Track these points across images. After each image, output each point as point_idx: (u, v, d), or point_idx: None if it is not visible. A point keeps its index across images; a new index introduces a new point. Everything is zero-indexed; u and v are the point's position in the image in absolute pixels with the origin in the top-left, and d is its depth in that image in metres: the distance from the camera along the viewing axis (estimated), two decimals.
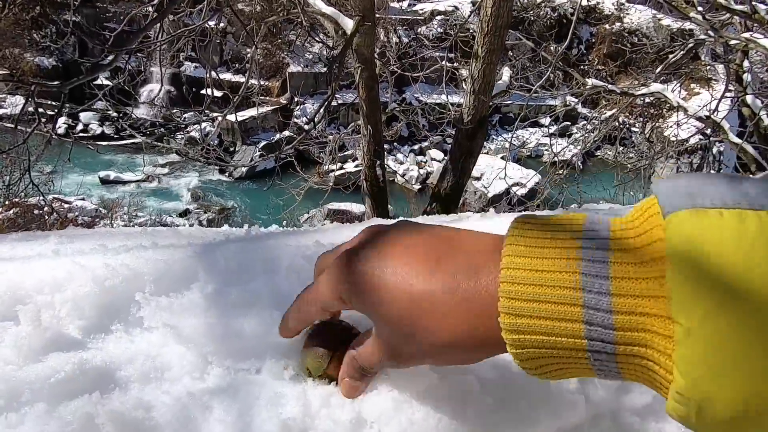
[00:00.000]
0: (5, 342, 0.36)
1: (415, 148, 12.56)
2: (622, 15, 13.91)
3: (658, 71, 5.29)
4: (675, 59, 5.33)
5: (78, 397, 0.34)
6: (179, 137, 11.52)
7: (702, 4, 3.84)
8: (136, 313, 0.41)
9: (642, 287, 0.23)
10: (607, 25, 13.72)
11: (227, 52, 11.84)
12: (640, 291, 0.23)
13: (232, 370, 0.38)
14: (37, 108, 2.58)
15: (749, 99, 4.64)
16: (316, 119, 3.47)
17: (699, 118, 4.60)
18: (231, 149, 11.72)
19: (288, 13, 4.09)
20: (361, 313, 0.33)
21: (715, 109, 4.56)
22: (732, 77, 4.92)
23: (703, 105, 4.79)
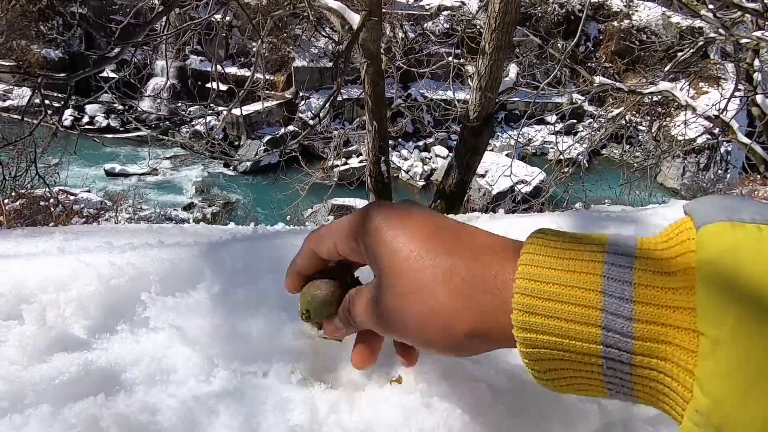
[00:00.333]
0: (9, 341, 0.35)
1: (420, 144, 12.53)
2: (630, 12, 13.76)
3: (667, 69, 5.23)
4: (684, 57, 5.27)
5: (83, 399, 0.33)
6: (184, 131, 11.53)
7: (713, 2, 3.78)
8: (142, 313, 0.40)
9: (667, 297, 0.22)
10: (616, 22, 13.57)
11: (233, 45, 11.83)
12: (664, 301, 0.22)
13: (239, 373, 0.38)
14: (43, 100, 2.58)
15: (759, 98, 4.58)
16: (322, 114, 3.45)
17: (708, 118, 4.55)
18: (236, 143, 11.73)
19: (294, 8, 4.07)
20: (366, 258, 0.31)
21: (724, 108, 4.50)
22: (742, 76, 4.86)
23: (712, 104, 4.73)
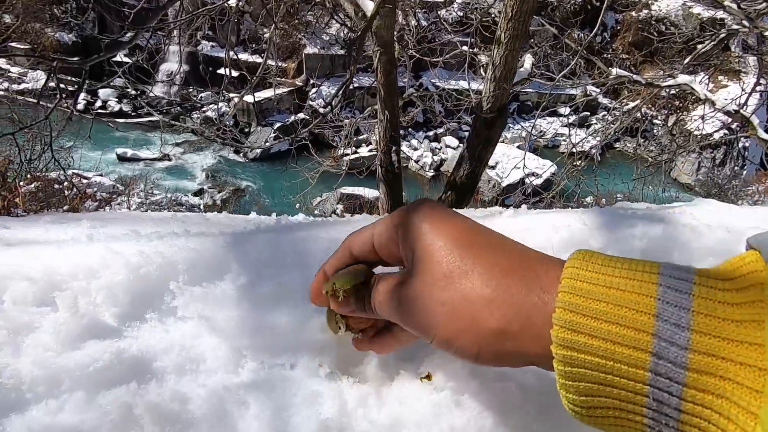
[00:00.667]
0: (44, 328, 0.35)
1: (430, 134, 12.43)
2: (650, 2, 13.39)
3: (686, 62, 5.10)
4: (704, 50, 5.13)
5: (116, 386, 0.34)
6: (195, 116, 11.57)
7: None
8: (170, 303, 0.41)
9: (730, 329, 0.20)
10: (634, 12, 13.23)
11: (244, 31, 11.76)
12: (727, 333, 0.20)
13: (267, 365, 0.38)
14: (59, 84, 2.60)
15: None
16: (334, 103, 3.43)
17: (727, 113, 4.44)
18: (246, 130, 11.75)
19: None
20: (401, 248, 0.31)
21: (745, 103, 4.39)
22: (765, 70, 4.72)
23: (732, 98, 4.61)
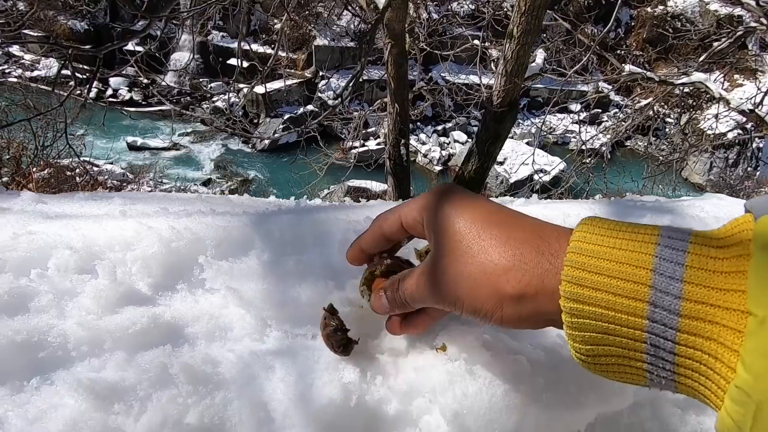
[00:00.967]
0: (86, 293, 0.38)
1: (439, 128, 12.39)
2: None
3: (701, 60, 5.03)
4: (720, 47, 5.05)
5: (153, 348, 0.36)
6: (204, 106, 11.63)
7: None
8: (199, 275, 0.43)
9: (718, 280, 0.23)
10: (649, 8, 13.02)
11: (255, 22, 11.76)
12: (715, 283, 0.23)
13: (290, 335, 0.40)
14: (74, 72, 2.63)
15: None
16: (344, 95, 3.44)
17: (742, 112, 4.38)
18: (255, 121, 11.79)
19: None
20: (426, 230, 0.33)
21: (761, 102, 4.33)
22: None
23: (748, 98, 4.55)
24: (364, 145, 9.95)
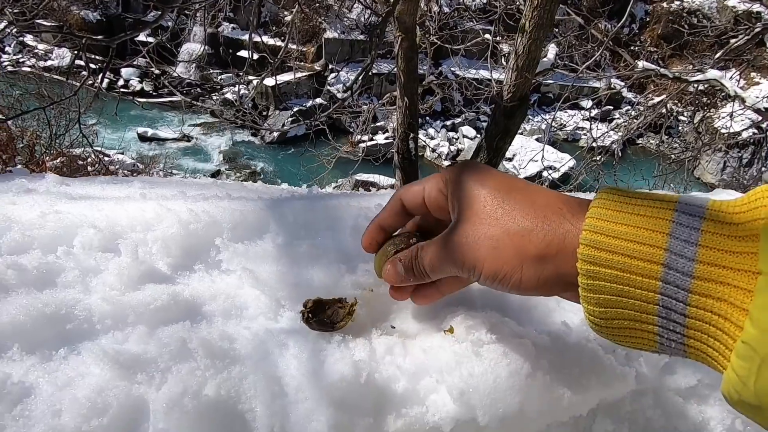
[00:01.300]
0: (109, 270, 0.40)
1: (448, 123, 12.33)
2: None
3: (717, 57, 4.94)
4: (737, 44, 4.95)
5: (172, 323, 0.38)
6: (215, 98, 11.68)
7: None
8: (216, 256, 0.45)
9: (732, 243, 0.23)
10: (665, 3, 12.78)
11: (265, 14, 11.76)
12: (729, 246, 0.23)
13: None
14: (87, 62, 2.67)
15: None
16: (353, 88, 3.44)
17: (757, 110, 4.31)
18: (264, 113, 11.82)
19: None
20: (450, 200, 0.34)
21: None
22: None
23: (764, 96, 4.47)
24: (372, 138, 9.94)
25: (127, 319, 0.37)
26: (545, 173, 5.60)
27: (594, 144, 4.91)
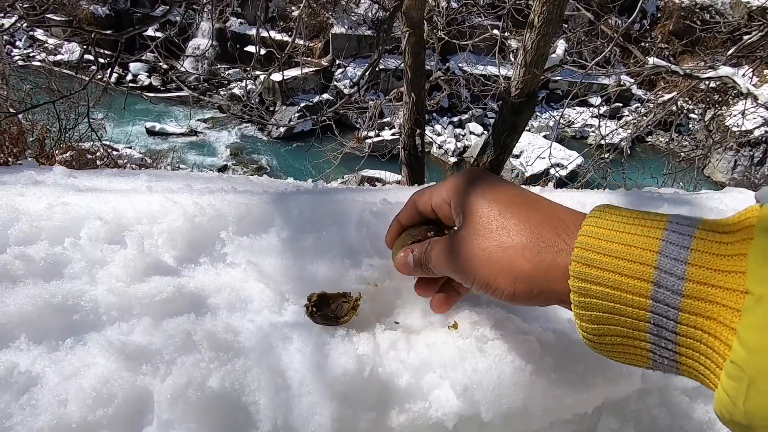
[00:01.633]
0: (115, 262, 0.40)
1: (455, 120, 12.27)
2: None
3: (730, 53, 4.85)
4: (751, 41, 4.87)
5: (177, 315, 0.38)
6: (222, 93, 11.73)
7: None
8: (221, 250, 0.45)
9: (720, 262, 0.23)
10: None
11: (272, 9, 11.75)
12: (718, 265, 0.23)
13: None
14: (97, 56, 2.68)
15: None
16: (360, 83, 3.43)
17: None
18: (271, 109, 11.84)
19: None
20: (453, 210, 0.35)
21: None
22: None
23: None
24: (378, 134, 9.93)
25: (133, 311, 0.37)
26: (552, 171, 5.57)
27: (602, 141, 4.86)
